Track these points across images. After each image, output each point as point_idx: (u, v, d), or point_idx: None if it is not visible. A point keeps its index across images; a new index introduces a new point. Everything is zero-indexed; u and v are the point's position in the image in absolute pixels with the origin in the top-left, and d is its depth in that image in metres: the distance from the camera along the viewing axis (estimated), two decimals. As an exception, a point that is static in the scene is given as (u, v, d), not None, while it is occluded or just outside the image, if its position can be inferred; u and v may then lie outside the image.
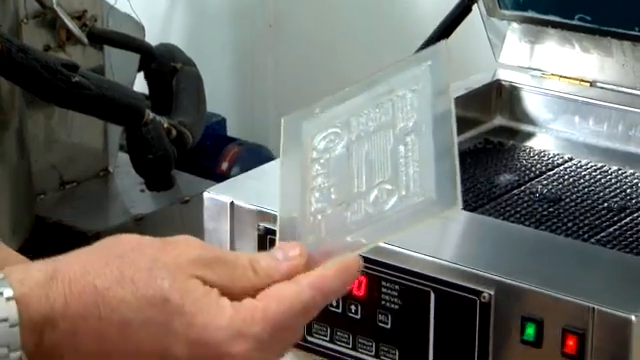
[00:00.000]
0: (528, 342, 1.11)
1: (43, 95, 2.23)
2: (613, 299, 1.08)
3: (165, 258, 0.83)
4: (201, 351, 0.83)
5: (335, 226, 0.88)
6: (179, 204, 2.43)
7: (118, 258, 0.82)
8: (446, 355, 1.17)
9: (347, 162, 0.92)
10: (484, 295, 1.13)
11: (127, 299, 0.81)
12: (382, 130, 0.92)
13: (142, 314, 0.81)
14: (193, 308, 0.82)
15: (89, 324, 0.81)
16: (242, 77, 2.82)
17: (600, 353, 1.08)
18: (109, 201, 2.48)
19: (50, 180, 2.45)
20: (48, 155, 2.44)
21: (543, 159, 1.47)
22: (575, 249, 1.22)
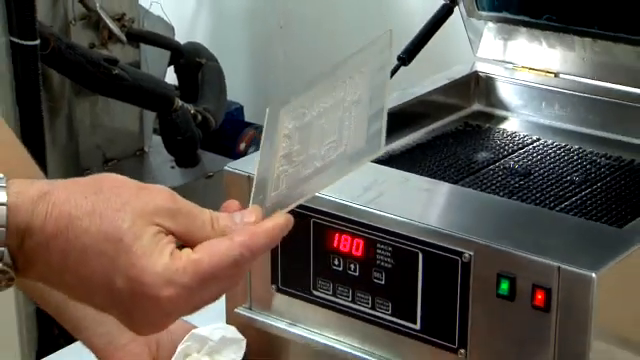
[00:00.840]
0: (503, 296, 1.09)
1: (88, 85, 2.23)
2: (576, 259, 1.07)
3: (135, 203, 0.83)
4: (137, 288, 0.83)
5: (292, 181, 0.91)
6: (204, 178, 2.43)
7: (96, 194, 0.83)
8: (432, 307, 1.15)
9: (308, 132, 0.95)
10: (465, 255, 1.11)
11: (91, 230, 0.82)
12: (335, 105, 0.95)
13: (98, 246, 0.82)
14: (139, 251, 0.82)
15: (58, 242, 0.82)
16: (257, 70, 2.82)
17: (565, 305, 1.07)
18: (144, 176, 2.48)
19: (95, 158, 2.46)
20: (93, 137, 2.44)
21: (515, 139, 1.45)
22: (543, 216, 1.21)
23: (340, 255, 1.19)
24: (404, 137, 1.44)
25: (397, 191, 1.22)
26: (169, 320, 0.86)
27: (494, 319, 1.11)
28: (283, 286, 1.25)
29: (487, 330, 1.12)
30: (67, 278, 0.84)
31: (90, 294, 0.85)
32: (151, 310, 0.84)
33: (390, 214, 1.16)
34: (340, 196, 1.19)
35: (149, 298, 0.83)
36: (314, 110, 0.97)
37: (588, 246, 1.11)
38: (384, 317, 1.18)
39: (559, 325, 1.08)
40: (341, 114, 0.95)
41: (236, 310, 1.29)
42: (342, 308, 1.21)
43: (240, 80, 2.75)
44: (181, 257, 0.83)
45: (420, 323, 1.16)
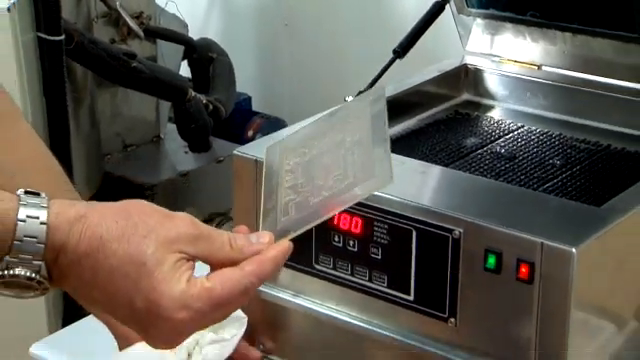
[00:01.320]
0: (490, 270, 1.09)
1: (109, 77, 2.23)
2: (557, 235, 1.06)
3: (159, 230, 0.85)
4: (154, 310, 0.85)
5: (301, 208, 0.93)
6: (215, 163, 2.43)
7: (126, 220, 0.85)
8: (425, 280, 1.14)
9: (311, 168, 0.97)
10: (455, 232, 1.10)
11: (118, 253, 0.84)
12: (336, 145, 0.97)
13: (124, 268, 0.84)
14: (159, 276, 0.84)
15: (88, 261, 0.84)
16: (264, 64, 2.82)
17: (547, 278, 1.06)
18: (160, 160, 2.49)
19: (115, 144, 2.46)
20: (113, 125, 2.44)
21: (501, 126, 1.44)
22: (527, 196, 1.20)
23: (340, 232, 1.18)
24: (399, 124, 1.43)
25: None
26: (181, 338, 0.88)
27: (482, 291, 1.10)
28: (288, 260, 1.23)
29: (475, 301, 1.11)
30: (95, 293, 0.86)
31: (114, 309, 0.87)
32: (165, 329, 0.86)
33: (386, 194, 1.15)
34: (340, 178, 1.18)
35: (165, 319, 0.85)
36: (314, 149, 0.99)
37: (568, 223, 1.10)
38: (380, 289, 1.17)
39: (541, 296, 1.07)
40: (344, 152, 0.96)
41: (244, 282, 1.28)
42: (342, 281, 1.20)
43: (248, 73, 2.75)
44: (196, 284, 0.86)
45: (413, 294, 1.15)
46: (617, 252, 1.12)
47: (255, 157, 1.24)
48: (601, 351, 1.15)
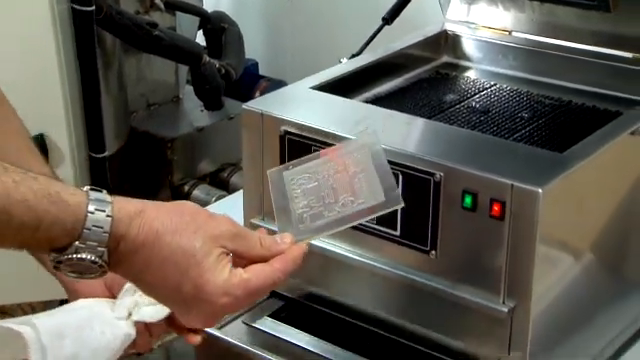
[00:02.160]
0: (466, 208, 1.08)
1: (134, 44, 2.21)
2: (525, 178, 1.05)
3: (206, 227, 0.89)
4: (200, 295, 0.88)
5: (316, 218, 0.96)
6: (227, 120, 2.42)
7: (179, 217, 0.88)
8: (410, 218, 1.13)
9: (319, 191, 0.99)
10: (436, 176, 1.09)
11: (172, 245, 0.87)
12: (340, 172, 1.00)
13: (175, 258, 0.87)
14: (206, 266, 0.88)
15: (144, 250, 0.87)
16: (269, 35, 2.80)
17: (516, 215, 1.05)
18: (179, 117, 2.47)
19: (140, 103, 2.44)
20: (138, 87, 2.42)
21: (476, 84, 1.42)
22: (499, 144, 1.18)
23: (335, 176, 1.17)
24: (387, 83, 1.41)
25: (382, 124, 1.19)
26: (217, 320, 0.93)
27: (459, 227, 1.10)
28: (290, 201, 1.23)
29: (454, 236, 1.11)
30: (147, 277, 0.89)
31: (161, 291, 0.90)
32: (207, 311, 0.90)
33: (376, 143, 1.13)
34: (335, 128, 1.17)
35: (209, 303, 0.89)
36: (319, 174, 1.00)
37: (535, 167, 1.09)
38: (371, 226, 1.16)
39: (511, 231, 1.06)
40: (349, 179, 0.98)
41: (252, 221, 1.27)
42: (337, 218, 1.19)
43: (255, 41, 2.73)
44: (237, 275, 0.90)
45: (400, 230, 1.14)
46: (578, 192, 1.11)
47: (261, 110, 1.22)
48: (562, 279, 1.14)
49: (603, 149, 1.13)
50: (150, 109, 2.45)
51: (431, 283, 1.13)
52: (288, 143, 1.20)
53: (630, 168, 1.22)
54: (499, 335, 1.10)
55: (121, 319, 0.99)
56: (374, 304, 1.20)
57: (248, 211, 1.28)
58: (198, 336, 1.02)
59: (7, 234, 0.83)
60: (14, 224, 0.82)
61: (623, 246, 1.26)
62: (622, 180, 1.21)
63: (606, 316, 1.25)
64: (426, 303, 1.15)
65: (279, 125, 1.20)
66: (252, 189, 1.27)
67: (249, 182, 1.27)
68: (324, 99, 1.27)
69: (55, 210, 0.84)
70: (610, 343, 1.26)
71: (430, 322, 1.16)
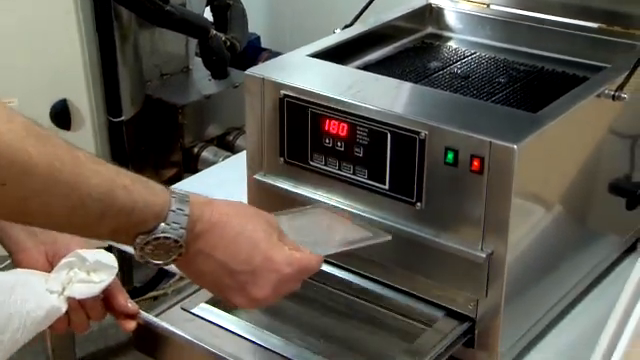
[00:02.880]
0: (449, 164, 1.05)
1: (147, 18, 2.17)
2: (502, 135, 1.02)
3: (262, 215, 0.94)
4: (269, 264, 0.91)
5: (313, 247, 0.98)
6: (232, 88, 2.39)
7: (239, 206, 0.93)
8: (397, 173, 1.10)
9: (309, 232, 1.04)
10: (421, 134, 1.06)
11: (241, 224, 0.90)
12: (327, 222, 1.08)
13: (246, 233, 0.91)
14: (273, 241, 0.92)
15: (217, 230, 0.89)
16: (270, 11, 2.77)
17: (494, 170, 1.03)
18: (189, 86, 2.44)
19: (153, 73, 2.40)
20: (152, 58, 2.39)
21: (457, 52, 1.39)
22: (479, 106, 1.15)
23: (330, 135, 1.14)
24: (377, 52, 1.37)
25: (372, 88, 1.16)
26: (278, 294, 0.93)
27: (442, 181, 1.07)
28: (288, 158, 1.20)
29: (437, 189, 1.08)
30: (218, 254, 0.89)
31: (232, 265, 0.90)
32: (273, 281, 0.91)
33: (367, 104, 1.11)
34: (330, 92, 1.14)
35: (276, 272, 0.91)
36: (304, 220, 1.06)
37: (511, 126, 1.06)
38: (362, 180, 1.14)
39: (489, 185, 1.04)
40: (337, 225, 1.06)
41: (255, 176, 1.24)
42: (331, 174, 1.16)
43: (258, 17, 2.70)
44: (295, 251, 0.94)
45: (388, 184, 1.11)
46: (549, 149, 1.09)
47: (262, 76, 1.19)
48: (534, 228, 1.12)
49: (572, 110, 1.10)
50: (163, 78, 2.42)
51: (417, 232, 1.11)
52: (287, 106, 1.17)
53: (596, 127, 1.19)
54: (477, 279, 1.08)
55: (53, 293, 0.95)
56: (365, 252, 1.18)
57: (251, 168, 1.25)
58: (133, 322, 1.00)
59: (108, 216, 0.83)
60: (115, 207, 0.83)
61: (588, 199, 1.24)
62: (589, 138, 1.19)
63: (573, 262, 1.23)
64: (412, 250, 1.13)
65: (279, 89, 1.17)
66: (254, 148, 1.24)
67: (251, 142, 1.24)
68: (320, 65, 1.24)
69: (147, 194, 0.85)
70: (575, 286, 1.25)
71: (415, 267, 1.14)
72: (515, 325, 1.13)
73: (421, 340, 1.11)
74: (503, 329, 1.09)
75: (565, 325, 1.22)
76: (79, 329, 1.00)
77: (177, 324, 1.09)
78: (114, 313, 1.02)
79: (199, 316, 1.13)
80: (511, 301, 1.09)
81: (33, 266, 0.99)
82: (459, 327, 1.11)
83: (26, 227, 0.99)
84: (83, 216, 0.82)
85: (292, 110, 1.16)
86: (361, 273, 1.20)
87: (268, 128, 1.21)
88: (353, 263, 1.20)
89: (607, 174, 1.25)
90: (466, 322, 1.11)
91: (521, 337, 1.15)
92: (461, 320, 1.12)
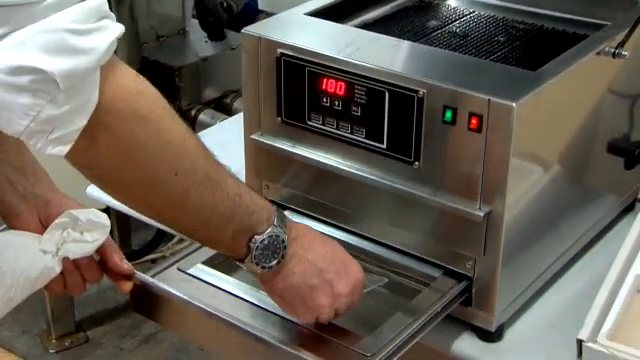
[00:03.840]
0: (447, 122, 1.04)
1: (143, -20, 2.15)
2: (501, 93, 1.01)
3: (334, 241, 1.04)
4: (348, 264, 1.02)
5: None
6: (229, 50, 2.38)
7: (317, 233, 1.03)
8: (395, 132, 1.10)
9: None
10: (420, 92, 1.05)
11: (323, 236, 1.03)
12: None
13: (327, 242, 1.02)
14: (345, 252, 1.04)
15: (306, 237, 0.99)
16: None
17: (492, 128, 1.02)
18: (186, 48, 2.43)
19: (150, 35, 2.39)
20: (148, 20, 2.37)
21: (456, 11, 1.37)
22: (478, 64, 1.14)
23: (327, 94, 1.13)
24: (375, 10, 1.35)
25: (370, 47, 1.15)
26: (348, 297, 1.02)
27: (440, 139, 1.07)
28: (286, 118, 1.19)
29: (435, 148, 1.08)
30: (309, 255, 0.98)
31: (320, 264, 0.98)
32: (349, 283, 1.00)
33: (365, 63, 1.09)
34: (327, 50, 1.13)
35: (352, 274, 1.01)
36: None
37: (510, 84, 1.05)
38: (360, 139, 1.13)
39: (488, 143, 1.03)
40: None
41: (252, 136, 1.23)
42: (329, 134, 1.15)
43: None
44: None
45: (386, 143, 1.11)
46: (548, 107, 1.08)
47: (258, 34, 1.18)
48: (532, 187, 1.12)
49: (571, 68, 1.09)
50: (159, 40, 2.40)
51: (414, 191, 1.10)
52: (284, 65, 1.16)
53: (595, 85, 1.19)
54: (476, 238, 1.08)
55: (47, 253, 0.94)
56: (363, 212, 1.17)
57: (248, 128, 1.24)
58: (129, 283, 1.01)
59: (236, 217, 0.91)
60: (242, 208, 0.90)
61: (587, 159, 1.23)
62: (588, 97, 1.18)
63: (571, 221, 1.23)
64: (410, 210, 1.12)
65: (275, 48, 1.16)
66: (251, 108, 1.23)
67: (248, 101, 1.23)
68: (317, 24, 1.23)
69: (257, 199, 0.93)
70: (573, 245, 1.25)
71: (413, 227, 1.14)
72: (513, 283, 1.13)
73: (419, 299, 1.11)
74: (501, 287, 1.10)
75: (563, 283, 1.22)
76: (75, 291, 1.00)
77: (173, 285, 1.09)
78: (110, 274, 1.02)
79: (195, 277, 1.13)
80: (509, 260, 1.09)
81: (26, 229, 0.99)
82: (457, 286, 1.11)
83: (18, 191, 0.99)
84: (220, 215, 0.89)
85: (289, 69, 1.15)
86: (359, 233, 1.20)
87: (265, 88, 1.20)
88: (350, 223, 1.20)
89: (606, 133, 1.24)
90: (464, 281, 1.11)
91: (519, 295, 1.15)
92: (459, 279, 1.12)
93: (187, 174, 0.86)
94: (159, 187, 0.85)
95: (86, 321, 2.49)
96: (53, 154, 0.78)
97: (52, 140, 0.78)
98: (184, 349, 2.40)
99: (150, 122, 0.83)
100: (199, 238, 0.97)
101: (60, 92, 0.76)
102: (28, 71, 0.74)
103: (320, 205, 1.21)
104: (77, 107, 0.77)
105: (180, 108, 2.33)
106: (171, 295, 1.07)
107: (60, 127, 0.77)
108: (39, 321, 2.46)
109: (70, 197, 1.00)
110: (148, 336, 2.44)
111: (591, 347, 1.05)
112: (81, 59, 0.76)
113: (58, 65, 0.75)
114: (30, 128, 0.76)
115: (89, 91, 0.78)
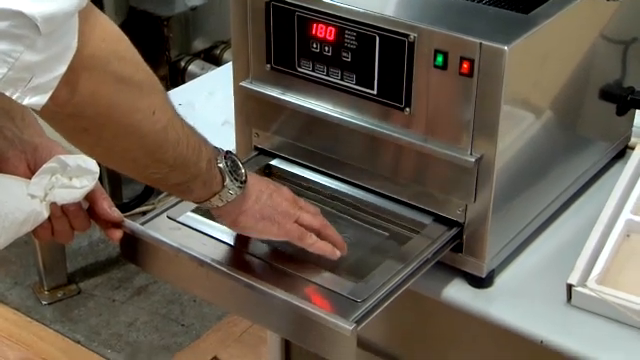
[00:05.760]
0: (438, 67, 1.03)
1: None
2: (493, 37, 1.00)
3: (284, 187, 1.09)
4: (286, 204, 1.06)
5: None
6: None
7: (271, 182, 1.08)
8: (386, 78, 1.08)
9: None
10: (410, 37, 1.04)
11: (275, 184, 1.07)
12: None
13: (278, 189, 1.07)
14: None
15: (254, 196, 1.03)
16: None
17: (484, 72, 1.01)
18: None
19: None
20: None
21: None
22: (469, 7, 1.11)
23: (317, 40, 1.11)
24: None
25: (360, -9, 1.13)
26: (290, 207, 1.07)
27: (431, 85, 1.05)
28: (275, 65, 1.18)
29: (426, 93, 1.06)
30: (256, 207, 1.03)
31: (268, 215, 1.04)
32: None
33: (355, 7, 1.08)
34: (317, -6, 1.11)
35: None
36: None
37: (502, 28, 1.04)
38: (350, 86, 1.11)
39: (479, 88, 1.02)
40: None
41: (241, 84, 1.22)
42: (319, 80, 1.14)
43: None
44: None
45: (377, 89, 1.09)
46: (541, 51, 1.07)
47: (248, -19, 1.16)
48: (524, 133, 1.11)
49: (565, 10, 1.08)
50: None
51: (405, 137, 1.09)
52: (273, 10, 1.14)
53: (589, 30, 1.17)
54: (466, 184, 1.07)
55: (35, 197, 0.93)
56: (353, 159, 1.17)
57: (237, 75, 1.23)
58: (119, 231, 1.01)
59: (202, 144, 0.96)
60: (200, 136, 0.96)
61: (579, 104, 1.22)
62: (581, 41, 1.16)
63: (562, 167, 1.23)
64: (400, 156, 1.12)
65: (266, -7, 1.14)
66: (240, 55, 1.21)
67: (237, 48, 1.22)
68: (306, -32, 1.20)
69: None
70: (564, 192, 1.25)
71: (404, 173, 1.13)
72: (504, 230, 1.13)
73: (409, 245, 1.11)
74: (491, 234, 1.09)
75: (554, 230, 1.22)
76: (63, 238, 0.99)
77: (163, 232, 1.09)
78: (99, 222, 1.01)
79: (185, 224, 1.12)
80: (500, 206, 1.09)
81: (14, 174, 0.98)
82: (447, 232, 1.11)
83: (6, 136, 0.97)
84: (193, 145, 0.93)
85: (278, 14, 1.13)
86: (349, 180, 1.19)
87: (254, 34, 1.18)
88: (341, 170, 1.19)
89: (598, 79, 1.23)
90: (454, 227, 1.11)
91: (510, 241, 1.15)
92: (449, 226, 1.12)
93: (162, 110, 0.87)
94: (143, 128, 0.84)
95: (78, 273, 2.49)
96: (31, 104, 0.76)
97: (31, 89, 0.75)
98: (176, 300, 2.40)
99: (129, 62, 0.82)
100: (182, 179, 0.95)
101: (39, 37, 0.74)
102: (8, 15, 0.72)
103: (310, 153, 1.20)
104: (56, 53, 0.76)
105: (169, 59, 2.30)
106: (161, 243, 1.07)
107: (39, 74, 0.75)
108: (31, 273, 2.46)
109: (59, 143, 0.99)
110: (140, 288, 2.45)
111: (580, 291, 1.06)
112: (62, 1, 0.74)
113: (39, 8, 0.73)
114: (7, 76, 0.74)
115: (69, 36, 0.76)
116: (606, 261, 1.09)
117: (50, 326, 2.33)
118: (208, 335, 2.31)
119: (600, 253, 1.10)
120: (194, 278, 1.06)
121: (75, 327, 2.33)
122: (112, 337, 2.31)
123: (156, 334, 2.32)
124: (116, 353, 2.26)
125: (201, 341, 2.30)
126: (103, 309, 2.39)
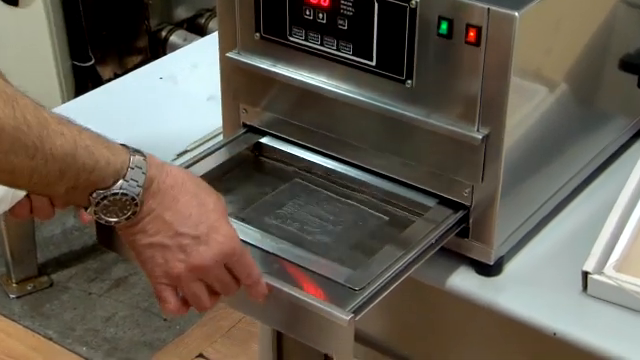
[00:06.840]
0: (442, 35, 1.04)
1: None
2: (502, 2, 1.01)
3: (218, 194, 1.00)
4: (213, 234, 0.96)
5: None
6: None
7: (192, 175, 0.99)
8: (385, 47, 1.09)
9: None
10: (412, 2, 1.05)
11: (195, 192, 0.97)
12: None
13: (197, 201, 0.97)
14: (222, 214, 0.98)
15: (172, 192, 0.95)
16: None
17: (492, 41, 1.01)
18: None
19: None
20: None
21: None
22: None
23: (310, 6, 1.12)
24: None
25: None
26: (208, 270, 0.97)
27: (435, 55, 1.06)
28: (265, 34, 1.18)
29: (429, 64, 1.07)
30: (167, 215, 0.95)
31: (178, 227, 0.96)
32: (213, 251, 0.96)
33: (351, -28, 1.09)
34: (310, -44, 1.11)
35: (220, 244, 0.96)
36: None
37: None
38: (347, 56, 1.12)
39: (487, 58, 1.03)
40: None
41: (227, 54, 1.23)
42: (313, 50, 1.15)
43: None
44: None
45: (376, 60, 1.10)
46: (554, 18, 1.07)
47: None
48: (535, 107, 1.12)
49: (581, -26, 1.09)
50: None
51: (407, 112, 1.10)
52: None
53: (607, -4, 1.18)
54: (473, 163, 1.08)
55: None
56: (350, 136, 1.18)
57: (223, 45, 1.24)
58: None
59: (68, 176, 0.89)
60: (76, 166, 0.89)
61: (596, 77, 1.23)
62: (599, 6, 1.17)
63: (577, 146, 1.24)
64: (401, 133, 1.13)
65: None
66: (227, 23, 1.22)
67: (223, 16, 1.22)
68: None
69: (108, 153, 0.91)
70: (580, 172, 1.26)
71: (405, 152, 1.14)
72: (513, 213, 1.14)
73: (411, 230, 1.12)
74: (500, 217, 1.11)
75: (567, 214, 1.23)
76: (42, 215, 1.02)
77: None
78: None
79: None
80: (509, 187, 1.10)
81: None
82: (453, 216, 1.12)
83: None
84: (45, 175, 0.88)
85: (268, -21, 1.14)
86: (345, 160, 1.20)
87: (241, 1, 1.18)
88: (336, 149, 1.20)
89: (617, 48, 1.24)
90: (460, 210, 1.12)
91: (520, 226, 1.16)
92: (455, 209, 1.13)
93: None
94: None
95: (50, 264, 2.50)
96: None
97: None
98: (158, 293, 2.42)
99: None
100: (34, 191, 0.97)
101: None
102: None
103: (303, 130, 1.21)
104: None
105: (149, 28, 2.30)
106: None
107: None
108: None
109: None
110: (118, 280, 2.46)
111: (597, 279, 1.07)
112: None
113: None
114: None
115: None
116: (625, 247, 1.11)
117: (19, 321, 2.34)
118: (193, 330, 2.32)
119: (618, 238, 1.12)
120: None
121: (47, 322, 2.34)
122: (88, 333, 2.32)
123: (136, 329, 2.34)
124: (92, 350, 2.27)
125: (185, 337, 2.31)
126: (78, 303, 2.40)
